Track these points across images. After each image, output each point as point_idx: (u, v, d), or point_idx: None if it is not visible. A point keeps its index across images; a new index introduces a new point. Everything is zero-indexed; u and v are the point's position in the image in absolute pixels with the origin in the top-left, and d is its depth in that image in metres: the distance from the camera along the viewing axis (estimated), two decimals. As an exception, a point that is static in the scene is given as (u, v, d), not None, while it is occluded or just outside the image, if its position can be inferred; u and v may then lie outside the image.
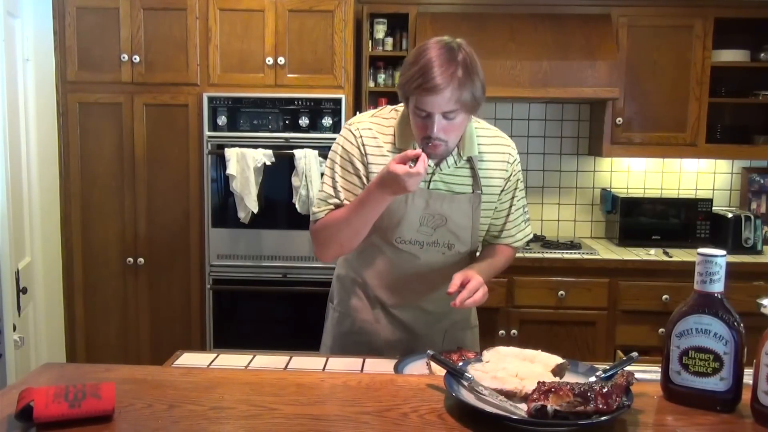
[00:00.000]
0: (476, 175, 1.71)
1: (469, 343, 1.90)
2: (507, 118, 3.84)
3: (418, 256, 1.75)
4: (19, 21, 2.95)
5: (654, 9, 3.47)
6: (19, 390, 1.14)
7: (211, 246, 3.33)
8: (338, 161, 1.72)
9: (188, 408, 1.18)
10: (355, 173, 1.70)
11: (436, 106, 1.51)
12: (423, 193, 1.69)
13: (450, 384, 1.22)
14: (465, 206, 1.71)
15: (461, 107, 1.53)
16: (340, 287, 1.93)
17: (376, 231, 1.72)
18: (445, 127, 1.54)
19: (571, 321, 3.31)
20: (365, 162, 1.69)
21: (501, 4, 3.51)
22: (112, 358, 3.42)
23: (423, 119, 1.55)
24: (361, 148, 1.69)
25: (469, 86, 1.51)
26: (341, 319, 1.91)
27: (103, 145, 3.37)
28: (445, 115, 1.53)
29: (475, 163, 1.71)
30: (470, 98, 1.53)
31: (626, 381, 1.17)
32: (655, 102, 3.51)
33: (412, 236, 1.72)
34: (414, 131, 1.61)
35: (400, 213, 1.69)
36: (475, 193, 1.72)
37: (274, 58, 3.27)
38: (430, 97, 1.50)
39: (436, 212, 1.70)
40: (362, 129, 1.71)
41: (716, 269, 1.19)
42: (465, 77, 1.51)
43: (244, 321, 3.41)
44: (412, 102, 1.55)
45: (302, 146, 3.22)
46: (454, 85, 1.49)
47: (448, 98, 1.50)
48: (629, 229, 3.60)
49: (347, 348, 1.86)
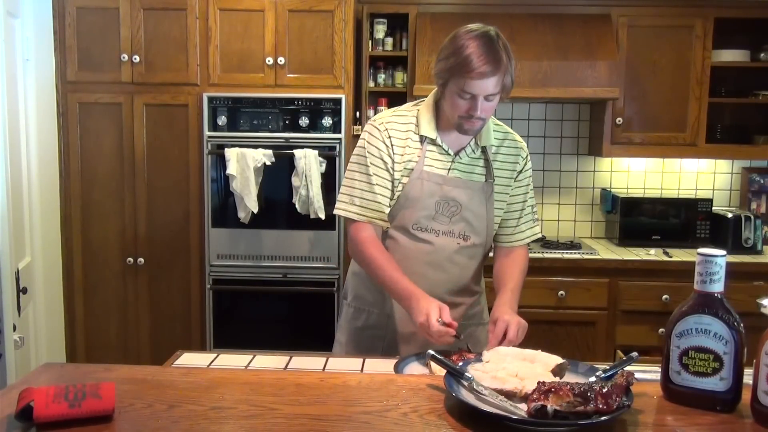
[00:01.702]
0: (489, 165, 1.82)
1: (483, 340, 1.92)
2: (507, 118, 3.84)
3: (434, 244, 1.80)
4: (19, 21, 2.95)
5: (654, 9, 3.47)
6: (19, 390, 1.14)
7: (211, 246, 3.33)
8: (368, 158, 1.79)
9: (188, 408, 1.18)
10: (385, 167, 1.78)
11: (483, 90, 1.65)
12: (438, 179, 1.78)
13: (450, 384, 1.22)
14: (479, 194, 1.81)
15: (502, 90, 1.69)
16: (355, 282, 1.96)
17: (394, 220, 1.81)
18: (485, 107, 1.69)
19: (571, 321, 3.31)
20: (392, 154, 1.78)
21: (501, 4, 3.51)
22: (112, 358, 3.42)
23: (467, 101, 1.67)
24: (387, 141, 1.78)
25: (510, 71, 1.68)
26: (356, 315, 1.94)
27: (103, 145, 3.37)
28: (487, 97, 1.67)
29: (489, 153, 1.83)
30: (510, 82, 1.69)
31: (626, 381, 1.17)
32: (655, 102, 3.51)
33: (428, 224, 1.79)
34: (451, 111, 1.72)
35: (416, 198, 1.77)
36: (488, 182, 1.82)
37: (274, 58, 3.27)
38: (479, 81, 1.63)
39: (451, 198, 1.78)
40: (386, 123, 1.81)
41: (716, 269, 1.19)
42: (508, 63, 1.66)
43: (244, 321, 3.41)
44: (457, 86, 1.66)
45: (302, 146, 3.22)
46: (501, 71, 1.64)
47: (495, 83, 1.65)
48: (629, 229, 3.60)
49: (362, 343, 1.89)
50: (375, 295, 1.89)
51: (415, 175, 1.78)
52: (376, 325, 1.90)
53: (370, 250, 1.78)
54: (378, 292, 1.88)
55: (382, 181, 1.78)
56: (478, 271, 1.94)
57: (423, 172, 1.78)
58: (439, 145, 1.80)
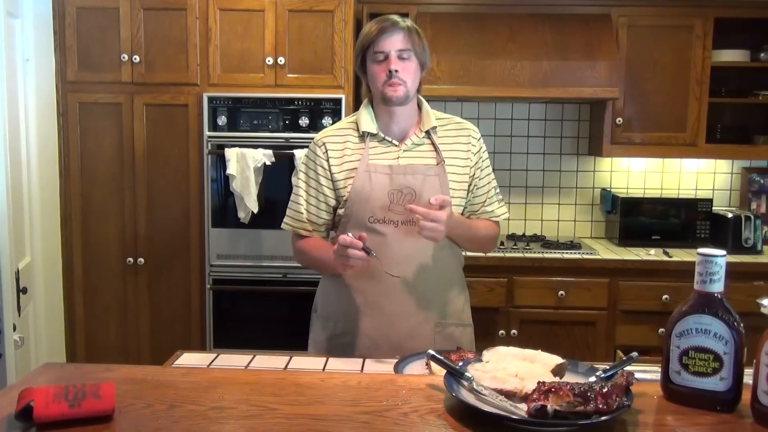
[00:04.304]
0: (437, 148, 1.85)
1: (465, 344, 1.90)
2: (507, 118, 3.84)
3: (395, 237, 1.79)
4: (19, 21, 2.95)
5: (654, 9, 3.47)
6: (19, 390, 1.14)
7: (211, 246, 3.33)
8: (300, 173, 1.91)
9: (188, 408, 1.18)
10: (316, 178, 1.87)
11: (390, 44, 1.76)
12: (385, 169, 1.81)
13: (450, 384, 1.22)
14: (431, 178, 1.81)
15: (413, 49, 1.78)
16: (321, 293, 1.99)
17: (350, 218, 1.82)
18: (401, 65, 1.77)
19: (571, 321, 3.31)
20: (326, 163, 1.86)
21: (501, 4, 3.51)
22: (112, 358, 3.42)
23: (381, 63, 1.78)
24: (319, 152, 1.86)
25: (417, 37, 1.79)
26: (324, 325, 1.94)
27: (103, 145, 3.37)
28: (399, 54, 1.76)
29: (434, 137, 1.86)
30: (420, 47, 1.79)
31: (626, 381, 1.17)
32: (655, 102, 3.51)
33: (384, 215, 1.80)
34: (374, 85, 1.81)
35: (366, 191, 1.79)
36: (440, 165, 1.83)
37: (274, 58, 3.27)
38: (383, 36, 1.76)
39: (404, 186, 1.80)
40: (322, 136, 1.90)
41: (716, 269, 1.19)
42: (412, 28, 1.80)
43: (244, 321, 3.41)
44: (370, 56, 1.79)
45: (302, 146, 3.22)
46: (401, 28, 1.77)
47: (402, 39, 1.77)
48: (629, 229, 3.60)
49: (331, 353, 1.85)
50: (339, 301, 1.89)
51: (362, 169, 1.81)
52: (343, 332, 1.88)
53: (300, 246, 1.91)
54: (342, 298, 1.88)
55: (312, 191, 1.88)
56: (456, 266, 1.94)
57: (369, 165, 1.81)
58: (382, 138, 1.85)
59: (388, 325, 1.83)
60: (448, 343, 1.86)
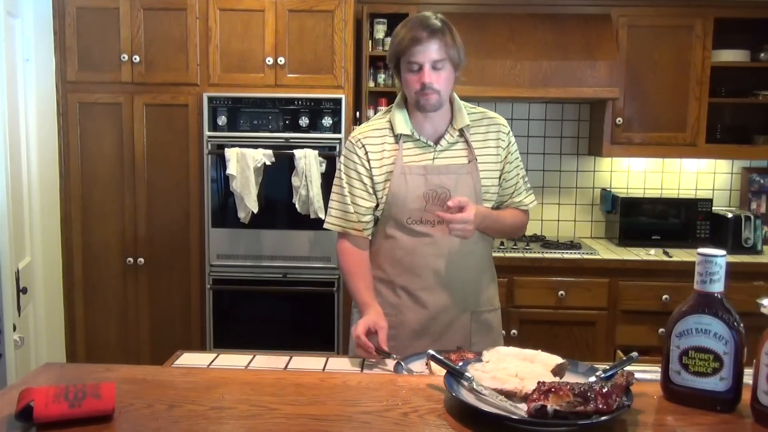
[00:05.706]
0: (470, 146, 1.86)
1: (496, 326, 1.98)
2: (507, 118, 3.78)
3: (432, 235, 1.84)
4: (19, 21, 2.95)
5: (654, 9, 3.47)
6: (19, 390, 1.14)
7: (211, 246, 3.33)
8: (343, 171, 1.89)
9: (188, 408, 1.18)
10: (359, 178, 1.87)
11: (426, 56, 1.73)
12: (420, 170, 1.83)
13: (450, 384, 1.22)
14: (465, 177, 1.84)
15: (447, 58, 1.75)
16: None
17: (390, 220, 1.86)
18: (435, 77, 1.75)
19: (571, 321, 3.31)
20: (367, 164, 1.86)
21: (501, 4, 3.51)
22: (112, 358, 3.42)
23: (415, 73, 1.76)
24: (360, 152, 1.86)
25: (450, 38, 1.75)
26: None
27: (103, 145, 3.37)
28: (434, 65, 1.74)
29: (467, 135, 1.87)
30: (456, 54, 1.76)
31: (626, 381, 1.17)
32: (655, 102, 3.51)
33: (421, 215, 1.84)
34: (408, 92, 1.80)
35: (403, 193, 1.82)
36: (471, 163, 1.85)
37: (274, 58, 3.27)
38: (419, 47, 1.72)
39: (438, 186, 1.82)
40: (359, 135, 1.89)
41: (716, 269, 1.19)
42: (446, 30, 1.75)
43: (244, 321, 3.41)
44: (404, 64, 1.77)
45: (302, 146, 3.22)
46: (438, 36, 1.73)
47: (437, 49, 1.73)
48: (629, 229, 3.60)
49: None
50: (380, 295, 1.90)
51: (397, 171, 1.83)
52: None
53: (346, 260, 1.90)
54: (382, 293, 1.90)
55: (357, 192, 1.87)
56: (487, 257, 1.98)
57: (404, 166, 1.83)
58: (417, 139, 1.85)
59: (429, 318, 1.88)
60: (483, 329, 1.93)
